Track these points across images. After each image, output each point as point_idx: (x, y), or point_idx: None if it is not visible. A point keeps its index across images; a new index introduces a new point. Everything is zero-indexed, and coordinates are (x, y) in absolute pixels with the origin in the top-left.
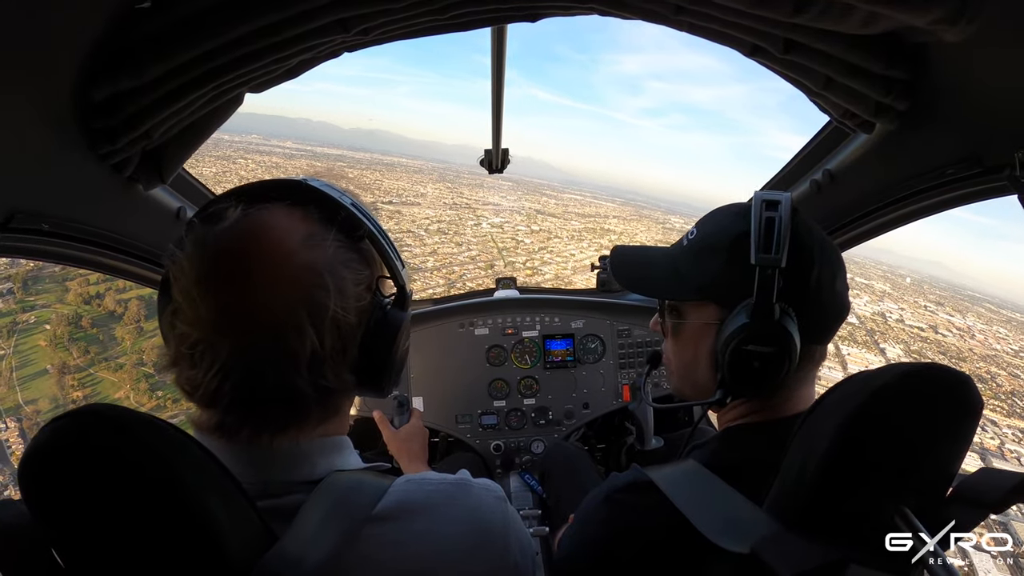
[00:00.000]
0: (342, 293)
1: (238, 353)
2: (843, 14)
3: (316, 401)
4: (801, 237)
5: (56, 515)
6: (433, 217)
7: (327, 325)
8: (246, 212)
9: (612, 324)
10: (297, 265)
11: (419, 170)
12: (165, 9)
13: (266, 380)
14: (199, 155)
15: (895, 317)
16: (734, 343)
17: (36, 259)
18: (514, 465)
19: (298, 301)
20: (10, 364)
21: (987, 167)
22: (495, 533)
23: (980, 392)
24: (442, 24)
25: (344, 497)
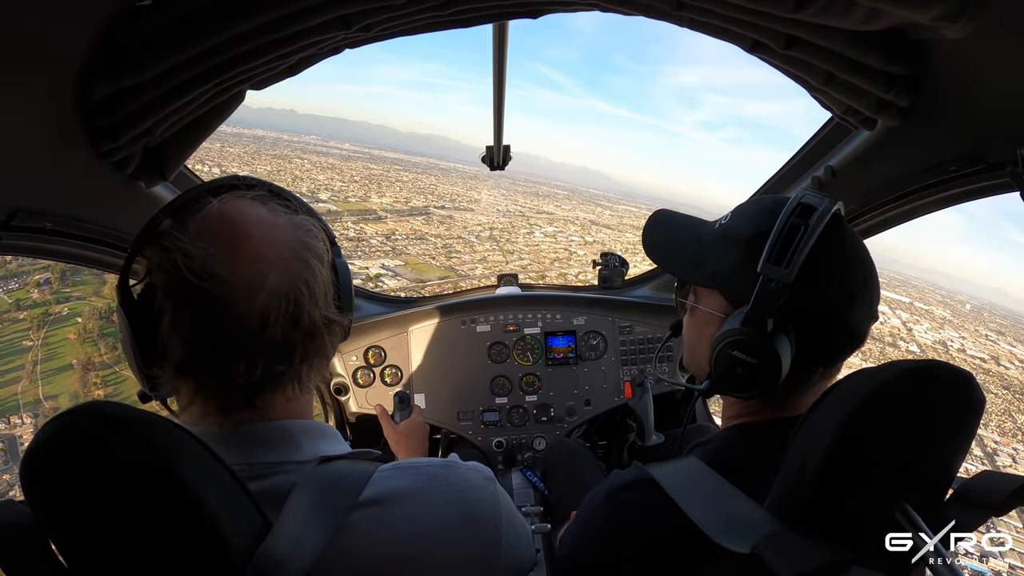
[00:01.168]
0: (322, 240)
1: (267, 305)
2: (845, 10)
3: (313, 341)
4: (827, 256)
5: (57, 513)
6: (485, 223)
7: (327, 264)
8: (217, 198)
9: (614, 321)
10: (281, 223)
11: (474, 176)
12: (166, 6)
13: (297, 321)
14: (255, 153)
15: (956, 346)
16: (722, 344)
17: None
18: (516, 462)
19: (300, 248)
20: (36, 356)
21: (989, 164)
22: (485, 514)
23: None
24: (444, 20)
25: (331, 485)
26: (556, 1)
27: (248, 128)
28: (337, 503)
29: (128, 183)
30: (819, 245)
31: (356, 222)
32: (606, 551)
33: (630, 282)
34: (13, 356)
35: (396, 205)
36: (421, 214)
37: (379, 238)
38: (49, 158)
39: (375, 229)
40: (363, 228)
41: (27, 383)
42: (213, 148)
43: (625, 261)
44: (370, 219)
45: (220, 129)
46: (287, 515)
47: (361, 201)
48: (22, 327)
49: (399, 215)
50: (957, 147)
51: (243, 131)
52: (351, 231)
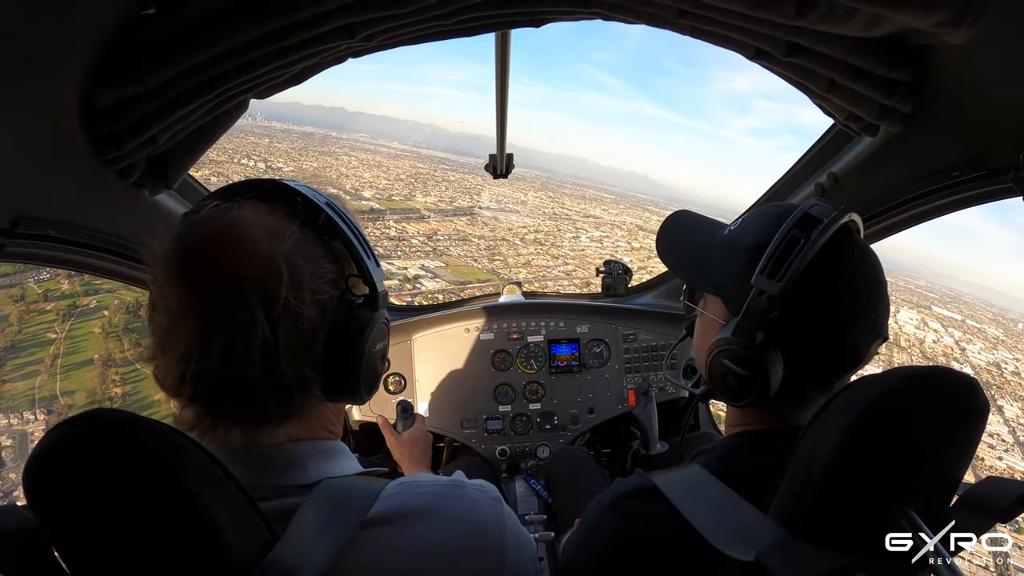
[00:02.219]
0: (296, 283)
1: (196, 340)
2: (846, 17)
3: (275, 397)
4: (827, 271)
5: (60, 518)
6: (531, 226)
7: (278, 313)
8: (219, 207)
9: (617, 328)
10: (257, 255)
11: (521, 177)
12: (170, 15)
13: (222, 368)
14: (302, 149)
15: (1011, 369)
16: (714, 352)
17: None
18: (519, 470)
19: (251, 289)
20: (58, 350)
21: (992, 169)
22: (489, 535)
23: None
24: (447, 29)
25: (339, 502)
26: (558, 10)
27: (298, 124)
28: (346, 519)
29: (132, 191)
30: (820, 259)
31: (398, 221)
32: (609, 559)
33: (633, 290)
34: (35, 348)
35: (440, 204)
36: (466, 214)
37: (420, 238)
38: (53, 166)
39: (417, 228)
40: (405, 227)
41: (45, 377)
42: (261, 143)
43: (628, 268)
44: (413, 218)
45: (269, 124)
46: (295, 527)
47: (405, 200)
48: (48, 319)
49: (443, 215)
50: (959, 152)
51: (293, 127)
52: (392, 230)
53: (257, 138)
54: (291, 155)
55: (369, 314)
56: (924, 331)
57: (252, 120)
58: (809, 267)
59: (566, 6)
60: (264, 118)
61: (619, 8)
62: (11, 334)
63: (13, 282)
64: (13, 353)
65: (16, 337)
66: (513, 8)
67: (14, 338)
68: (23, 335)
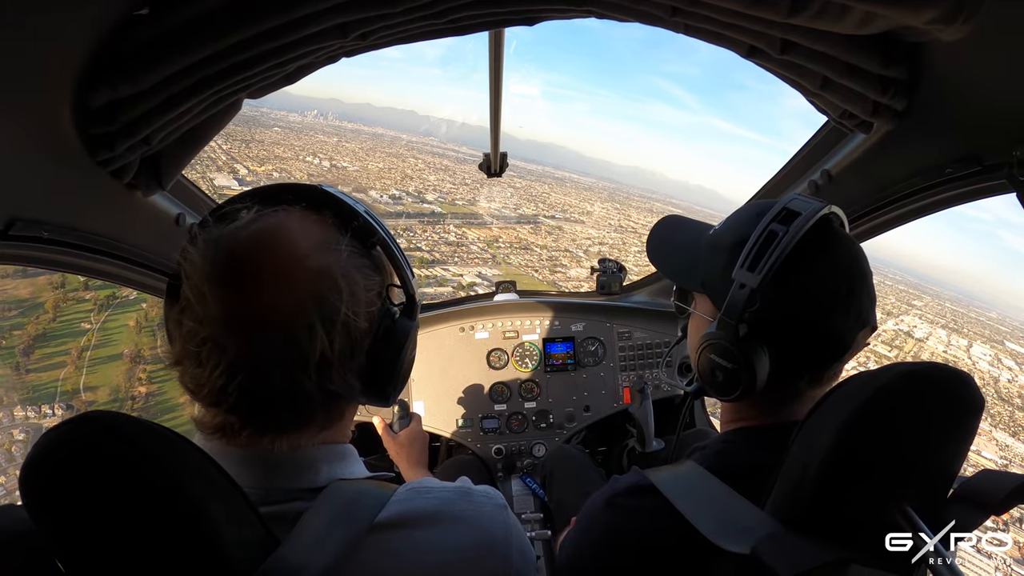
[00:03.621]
0: (354, 297)
1: (246, 352)
2: (840, 14)
3: (321, 405)
4: (806, 261)
5: (57, 521)
6: (596, 238)
7: (338, 328)
8: (261, 213)
9: (612, 327)
10: (310, 267)
11: (589, 187)
12: (163, 15)
13: (272, 380)
14: (370, 150)
15: None
16: (701, 348)
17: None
18: (515, 469)
19: (310, 302)
20: (89, 341)
21: (985, 166)
22: (497, 542)
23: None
24: (440, 28)
25: (347, 505)
26: (552, 8)
27: (369, 126)
28: (353, 523)
29: (125, 192)
30: (799, 251)
31: (459, 226)
32: (606, 557)
33: (628, 288)
34: (67, 338)
35: (504, 211)
36: (529, 222)
37: (480, 244)
38: (46, 167)
39: (477, 235)
40: (465, 233)
41: (71, 370)
42: (329, 142)
43: (623, 267)
44: (474, 224)
45: (339, 124)
46: (303, 528)
47: (468, 204)
48: (85, 308)
49: (506, 221)
50: (953, 149)
51: (363, 128)
52: (452, 235)
53: (326, 136)
54: (358, 155)
55: (409, 323)
56: (999, 368)
57: (323, 119)
58: (788, 259)
59: (560, 4)
60: (336, 118)
61: (613, 6)
62: (45, 322)
63: None
64: (43, 342)
65: (50, 325)
66: (505, 7)
67: (47, 326)
68: (57, 323)
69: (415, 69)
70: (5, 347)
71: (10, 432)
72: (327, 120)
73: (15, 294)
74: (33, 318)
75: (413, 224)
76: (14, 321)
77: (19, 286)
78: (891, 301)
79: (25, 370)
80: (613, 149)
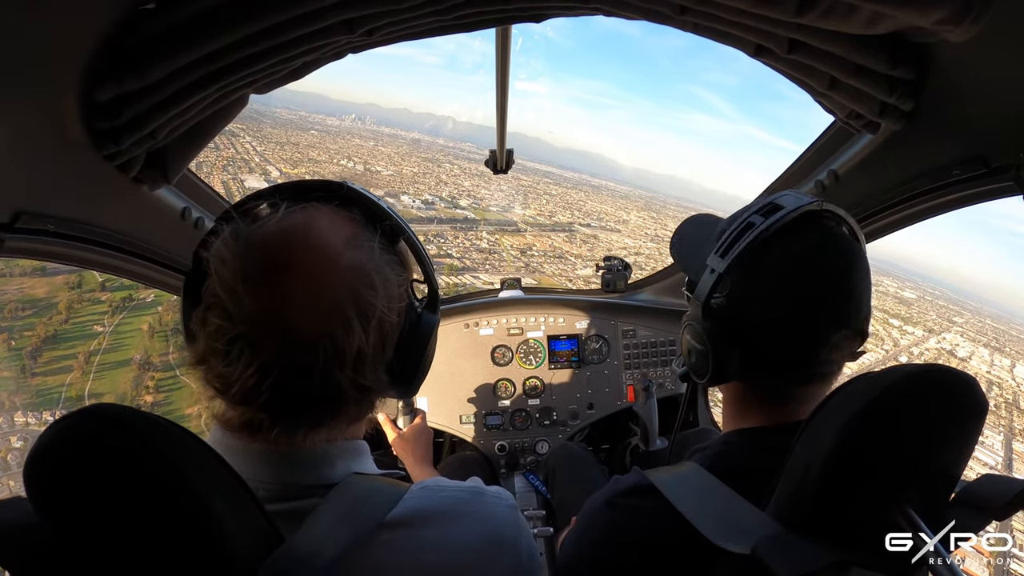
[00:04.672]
0: (388, 294)
1: (282, 350)
2: (847, 14)
3: (354, 400)
4: (778, 255)
5: (60, 514)
6: (631, 248)
7: (373, 324)
8: (290, 209)
9: (617, 325)
10: (345, 264)
11: (625, 196)
12: (170, 10)
13: (309, 379)
14: (406, 154)
15: None
16: (682, 329)
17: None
18: (519, 466)
19: (347, 299)
20: (99, 345)
21: (992, 168)
22: (507, 542)
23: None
24: (447, 25)
25: (359, 501)
26: (559, 5)
27: (406, 130)
28: (364, 518)
29: (131, 186)
30: (772, 243)
31: (492, 232)
32: (606, 557)
33: (633, 286)
34: (77, 341)
35: (539, 219)
36: (564, 230)
37: (514, 252)
38: (52, 161)
39: (511, 242)
40: (498, 240)
41: (78, 375)
42: (366, 146)
43: (628, 264)
44: (508, 230)
45: (377, 129)
46: (313, 520)
47: (503, 211)
48: (99, 310)
49: (540, 229)
50: (960, 151)
51: (400, 132)
52: (484, 242)
53: (363, 140)
54: (393, 159)
55: (433, 317)
56: None
57: (361, 124)
58: (759, 249)
59: (567, 1)
60: (374, 122)
61: (620, 4)
62: (57, 323)
63: (76, 267)
64: (53, 344)
65: (61, 327)
66: (512, 3)
67: (59, 327)
68: (69, 325)
69: (451, 75)
70: (15, 348)
71: (8, 439)
72: (364, 124)
73: (31, 293)
74: (46, 318)
75: (445, 230)
76: (26, 321)
77: (36, 285)
78: (932, 317)
79: (31, 373)
80: (650, 157)
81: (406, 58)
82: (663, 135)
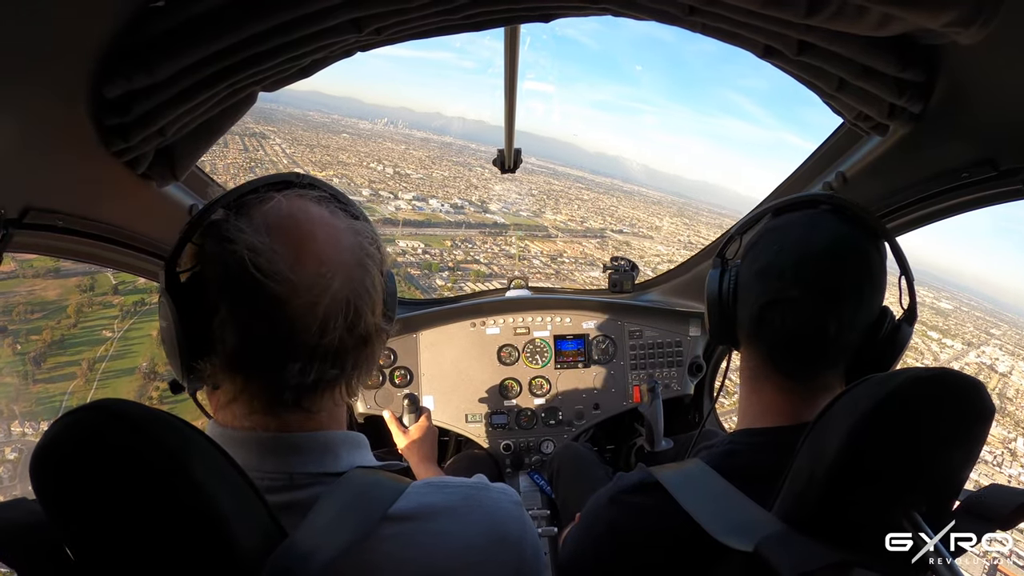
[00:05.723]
0: (383, 260)
1: (304, 355)
2: (857, 15)
3: (345, 391)
4: (762, 247)
5: (66, 510)
6: (664, 255)
7: (384, 272)
8: (275, 197)
9: (623, 325)
10: (344, 226)
11: (658, 202)
12: (179, 8)
13: (328, 374)
14: (437, 158)
15: None
16: (706, 291)
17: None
18: (524, 465)
19: (362, 254)
20: (107, 351)
21: (1001, 171)
22: (511, 538)
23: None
24: (455, 24)
25: (363, 494)
26: (567, 5)
27: (438, 134)
28: (367, 512)
29: (140, 183)
30: (767, 237)
31: (522, 238)
32: (609, 554)
33: (640, 286)
34: (84, 347)
35: (571, 224)
36: (596, 236)
37: (543, 258)
38: (61, 157)
39: (541, 248)
40: (528, 246)
41: (81, 383)
42: (397, 149)
43: (635, 265)
44: (538, 236)
45: (408, 132)
46: (315, 517)
47: (533, 216)
48: (109, 314)
49: (572, 235)
50: (969, 154)
51: (432, 136)
52: (513, 247)
53: (394, 144)
54: (424, 162)
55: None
56: None
57: (393, 127)
58: (771, 222)
59: (575, 1)
60: (406, 126)
61: (629, 4)
62: (65, 327)
63: (89, 269)
64: (59, 349)
65: (69, 331)
66: (520, 3)
67: (66, 332)
68: (77, 329)
69: (486, 80)
70: (20, 352)
71: (2, 450)
72: (396, 128)
73: (43, 295)
74: (54, 322)
75: (473, 235)
76: (34, 324)
77: (48, 287)
78: (969, 329)
79: (33, 380)
80: (683, 163)
81: (441, 63)
82: (696, 140)
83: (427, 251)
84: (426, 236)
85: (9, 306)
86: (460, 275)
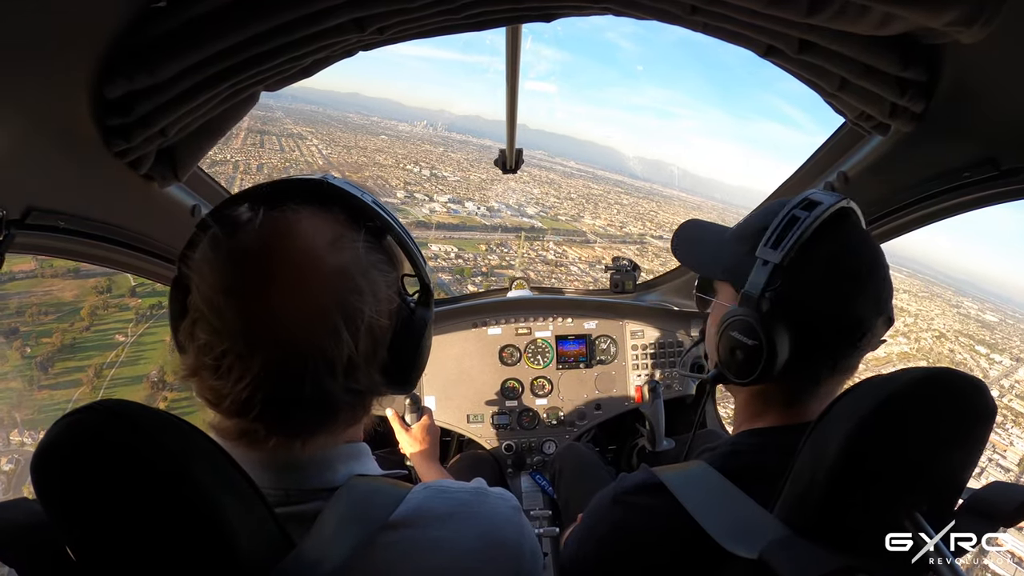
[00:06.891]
0: (376, 296)
1: (271, 363)
2: (858, 15)
3: (347, 405)
4: (826, 244)
5: (67, 511)
6: None
7: (363, 330)
8: (268, 214)
9: (625, 325)
10: (328, 269)
11: (698, 207)
12: (180, 8)
13: (301, 389)
14: (475, 160)
15: None
16: (724, 326)
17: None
18: (525, 465)
19: (333, 306)
20: (117, 357)
21: (1004, 170)
22: (510, 544)
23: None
24: (457, 24)
25: (362, 503)
26: (569, 4)
27: (477, 137)
28: (367, 520)
29: (142, 183)
30: (820, 234)
31: (559, 243)
32: (611, 555)
33: (642, 286)
34: (95, 351)
35: (610, 229)
36: (635, 243)
37: (581, 265)
38: (63, 157)
39: (579, 254)
40: (565, 251)
41: (87, 390)
42: (435, 151)
43: (637, 265)
44: (576, 241)
45: (447, 135)
46: (320, 525)
47: (571, 220)
48: (124, 318)
49: (611, 240)
50: (971, 153)
51: (471, 139)
52: (551, 252)
53: (432, 146)
54: (462, 165)
55: (426, 313)
56: None
57: (432, 129)
58: (810, 239)
59: (576, 0)
60: (444, 128)
61: (630, 3)
62: (78, 330)
63: (108, 270)
64: (69, 353)
65: (81, 335)
66: (522, 3)
67: (78, 335)
68: (90, 333)
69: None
70: (28, 356)
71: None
72: (435, 130)
73: (59, 296)
74: (67, 324)
75: (509, 238)
76: (46, 327)
77: (65, 288)
78: (1016, 344)
79: (38, 385)
80: (722, 168)
81: (477, 65)
82: (736, 145)
83: (460, 255)
84: (460, 240)
85: (23, 307)
86: (494, 281)
